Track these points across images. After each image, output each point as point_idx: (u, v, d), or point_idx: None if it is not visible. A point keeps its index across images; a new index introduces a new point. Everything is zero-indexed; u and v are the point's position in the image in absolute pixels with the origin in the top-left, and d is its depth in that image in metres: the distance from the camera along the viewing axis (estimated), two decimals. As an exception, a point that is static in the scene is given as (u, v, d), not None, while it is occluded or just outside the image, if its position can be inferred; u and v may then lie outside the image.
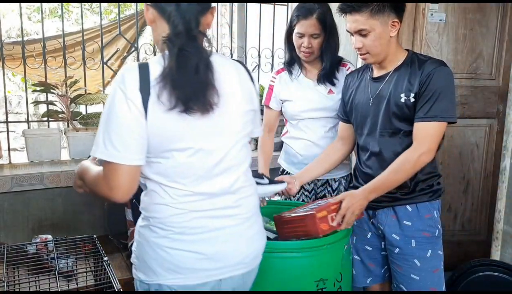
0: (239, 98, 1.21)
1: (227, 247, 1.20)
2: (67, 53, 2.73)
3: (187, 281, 1.16)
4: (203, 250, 1.17)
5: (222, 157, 1.19)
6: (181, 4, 1.10)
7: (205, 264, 1.17)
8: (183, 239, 1.16)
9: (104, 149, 1.07)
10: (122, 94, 1.07)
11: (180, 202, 1.16)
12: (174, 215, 1.15)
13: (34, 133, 2.59)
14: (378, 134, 1.65)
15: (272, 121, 2.20)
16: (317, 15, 1.89)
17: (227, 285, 1.23)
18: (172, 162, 1.14)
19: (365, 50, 1.57)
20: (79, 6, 2.97)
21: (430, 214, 1.66)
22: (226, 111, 1.17)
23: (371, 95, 1.67)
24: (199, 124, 1.13)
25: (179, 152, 1.13)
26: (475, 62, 2.62)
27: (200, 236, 1.17)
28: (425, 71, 1.54)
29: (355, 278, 1.84)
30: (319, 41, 1.93)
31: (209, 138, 1.16)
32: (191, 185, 1.16)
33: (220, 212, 1.20)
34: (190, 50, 1.09)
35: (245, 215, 1.24)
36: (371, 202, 1.72)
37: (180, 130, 1.12)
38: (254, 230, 1.27)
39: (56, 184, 2.41)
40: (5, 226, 2.37)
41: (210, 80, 1.12)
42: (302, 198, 2.14)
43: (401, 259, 1.68)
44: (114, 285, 1.53)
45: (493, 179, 2.71)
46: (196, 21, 1.12)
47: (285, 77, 2.11)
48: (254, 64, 3.35)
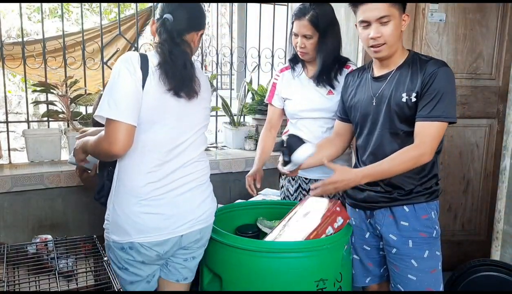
0: (206, 97, 1.58)
1: (185, 208, 1.51)
2: (67, 53, 2.73)
3: (154, 238, 1.46)
4: (166, 212, 1.47)
5: (189, 137, 1.52)
6: (167, 22, 1.43)
7: (167, 224, 1.48)
8: (150, 205, 1.45)
9: (108, 109, 1.34)
10: (126, 68, 1.36)
11: (149, 173, 1.44)
12: (148, 183, 1.44)
13: (34, 133, 2.59)
14: (379, 133, 1.65)
15: (274, 118, 2.22)
16: (309, 17, 1.89)
17: (188, 239, 1.55)
18: (151, 134, 1.43)
19: (383, 40, 1.55)
20: (79, 6, 2.97)
21: (427, 215, 1.66)
22: (200, 102, 1.53)
23: (373, 94, 1.67)
24: (181, 107, 1.47)
25: (160, 126, 1.43)
26: (475, 62, 2.62)
27: (163, 201, 1.47)
28: (428, 71, 1.54)
29: (354, 278, 1.84)
30: (312, 42, 1.94)
31: (183, 119, 1.49)
32: (162, 157, 1.45)
33: (180, 181, 1.50)
34: (176, 52, 1.42)
35: (198, 183, 1.57)
36: (368, 202, 1.72)
37: (167, 108, 1.43)
38: (205, 195, 1.60)
39: (56, 184, 2.42)
40: (5, 226, 2.37)
41: (194, 74, 1.47)
42: (300, 197, 2.14)
43: (398, 259, 1.68)
44: (114, 285, 1.53)
45: (493, 179, 2.71)
46: (179, 35, 1.45)
47: (288, 76, 2.13)
48: (254, 64, 3.35)
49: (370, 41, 1.56)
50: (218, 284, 1.65)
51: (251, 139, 3.19)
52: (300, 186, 2.13)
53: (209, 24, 5.77)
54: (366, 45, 1.60)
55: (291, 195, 2.17)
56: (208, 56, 4.87)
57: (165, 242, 1.49)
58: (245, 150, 3.20)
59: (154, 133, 1.43)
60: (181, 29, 1.46)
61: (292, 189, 2.16)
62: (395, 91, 1.59)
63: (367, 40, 1.57)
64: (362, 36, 1.59)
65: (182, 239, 1.54)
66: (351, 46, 2.73)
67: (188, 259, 1.63)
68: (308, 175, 2.08)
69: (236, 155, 3.04)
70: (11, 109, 6.81)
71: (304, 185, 2.13)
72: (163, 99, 1.42)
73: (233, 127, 3.23)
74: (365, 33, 1.57)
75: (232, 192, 2.91)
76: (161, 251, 1.51)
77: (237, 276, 1.59)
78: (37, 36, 6.51)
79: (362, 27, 1.58)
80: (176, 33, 1.44)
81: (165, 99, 1.42)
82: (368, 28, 1.56)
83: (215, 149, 3.20)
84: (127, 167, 1.45)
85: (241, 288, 1.57)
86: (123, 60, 1.38)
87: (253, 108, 3.29)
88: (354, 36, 2.70)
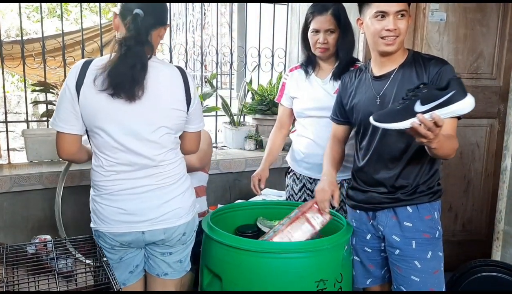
0: (165, 98, 1.51)
1: (145, 206, 1.55)
2: (66, 53, 2.72)
3: (114, 230, 1.56)
4: (125, 207, 1.54)
5: (143, 138, 1.50)
6: (138, 17, 1.44)
7: (127, 218, 1.55)
8: (110, 198, 1.55)
9: (52, 121, 1.51)
10: (66, 80, 1.47)
11: (107, 170, 1.53)
12: (103, 180, 1.54)
13: (33, 133, 2.58)
14: (384, 133, 1.64)
15: (284, 118, 2.22)
16: (332, 11, 1.93)
17: (152, 236, 1.59)
18: (100, 136, 1.49)
19: (398, 33, 1.56)
20: (78, 6, 2.96)
21: (430, 215, 1.65)
22: (150, 105, 1.48)
23: (376, 93, 1.66)
24: (123, 109, 1.46)
25: (106, 129, 1.47)
26: (476, 61, 2.62)
27: (123, 197, 1.54)
28: (433, 69, 1.55)
29: (355, 279, 1.83)
30: (334, 37, 1.96)
31: (131, 120, 1.48)
32: (115, 156, 1.51)
33: (136, 182, 1.54)
34: (134, 51, 1.42)
35: (162, 185, 1.56)
36: (371, 203, 1.71)
37: (107, 110, 1.45)
38: (170, 196, 1.58)
39: (55, 184, 2.41)
40: (4, 226, 2.36)
41: (139, 77, 1.43)
42: (304, 197, 2.13)
43: (401, 260, 1.67)
44: (113, 285, 1.53)
45: (494, 179, 2.71)
46: (146, 32, 1.47)
47: (297, 75, 2.13)
48: (254, 64, 3.35)
49: (384, 33, 1.57)
50: (218, 284, 1.64)
51: (251, 139, 3.19)
52: (304, 185, 2.13)
53: (209, 24, 5.76)
54: (377, 36, 1.59)
55: (295, 194, 2.17)
56: (208, 56, 4.86)
57: (126, 234, 1.57)
58: (245, 150, 3.20)
59: (100, 136, 1.49)
60: (150, 25, 1.48)
61: (297, 188, 2.16)
62: (399, 89, 1.59)
63: (380, 32, 1.57)
64: (375, 27, 1.58)
65: (145, 235, 1.58)
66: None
67: (166, 254, 1.66)
68: (313, 174, 2.08)
69: (236, 155, 3.04)
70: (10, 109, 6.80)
71: (309, 185, 2.12)
72: (103, 102, 1.44)
73: (233, 127, 3.22)
74: (380, 25, 1.57)
75: (232, 192, 2.91)
76: (123, 242, 1.59)
77: (237, 276, 1.58)
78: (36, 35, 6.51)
79: (377, 18, 1.57)
80: (144, 29, 1.45)
81: (104, 101, 1.44)
82: (384, 20, 1.56)
83: (215, 149, 3.20)
84: (92, 165, 1.59)
85: (241, 288, 1.57)
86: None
87: (253, 108, 3.28)
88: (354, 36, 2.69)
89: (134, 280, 1.71)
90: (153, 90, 1.48)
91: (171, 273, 1.69)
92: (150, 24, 1.49)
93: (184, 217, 1.62)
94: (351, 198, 1.82)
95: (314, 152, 2.04)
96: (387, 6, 1.54)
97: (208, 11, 5.67)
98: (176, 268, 1.70)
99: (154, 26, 1.52)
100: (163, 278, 1.70)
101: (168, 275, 1.70)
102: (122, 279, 1.68)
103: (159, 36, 1.57)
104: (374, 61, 1.70)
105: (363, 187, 1.74)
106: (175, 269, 1.70)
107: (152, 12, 1.50)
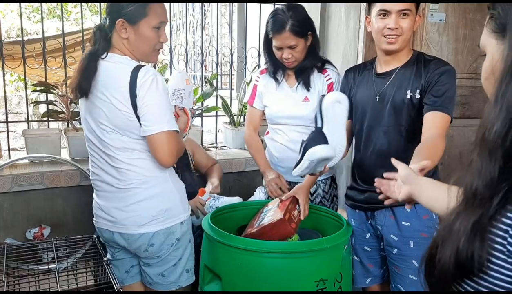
0: (111, 98, 1.48)
1: (111, 205, 1.58)
2: (67, 53, 2.73)
3: (97, 224, 1.66)
4: (99, 202, 1.63)
5: (99, 139, 1.55)
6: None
7: (101, 213, 1.62)
8: (95, 192, 1.67)
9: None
10: None
11: (91, 167, 1.65)
12: (91, 175, 1.67)
13: (34, 133, 2.58)
14: (382, 130, 1.65)
15: (255, 120, 2.14)
16: (290, 27, 1.83)
17: (118, 239, 1.60)
18: None
19: (400, 32, 1.57)
20: (78, 6, 2.97)
21: (428, 215, 1.66)
22: (99, 104, 1.51)
23: (376, 90, 1.67)
24: (84, 108, 1.58)
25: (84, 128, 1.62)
26: (475, 62, 2.62)
27: (98, 193, 1.64)
28: (433, 69, 1.57)
29: (354, 279, 1.84)
30: (298, 50, 1.89)
31: (89, 120, 1.56)
32: (90, 155, 1.62)
33: (97, 182, 1.63)
34: (95, 53, 1.53)
35: (123, 185, 1.55)
36: (369, 203, 1.72)
37: (82, 110, 1.60)
38: (131, 201, 1.55)
39: (56, 184, 2.41)
40: (5, 226, 2.36)
41: (89, 76, 1.50)
42: None
43: (399, 259, 1.68)
44: (114, 285, 1.53)
45: (493, 179, 2.71)
46: (109, 29, 1.55)
47: (267, 80, 2.06)
48: (254, 64, 3.35)
49: (386, 31, 1.58)
50: (218, 284, 1.64)
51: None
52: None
53: (209, 24, 5.77)
54: (380, 34, 1.60)
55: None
56: (208, 56, 4.87)
57: (102, 230, 1.65)
58: (245, 150, 3.20)
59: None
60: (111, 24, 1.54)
61: None
62: (399, 88, 1.61)
63: (382, 30, 1.58)
64: (378, 25, 1.59)
65: (114, 235, 1.61)
66: (351, 46, 2.73)
67: (145, 264, 1.64)
68: (290, 178, 1.98)
69: (236, 155, 3.04)
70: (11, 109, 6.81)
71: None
72: (81, 102, 1.60)
73: (233, 127, 3.22)
74: (382, 23, 1.58)
75: (232, 192, 2.90)
76: (104, 239, 1.69)
77: (237, 276, 1.59)
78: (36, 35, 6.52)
79: (380, 17, 1.59)
80: (108, 29, 1.55)
81: (82, 101, 1.60)
82: (386, 18, 1.57)
83: (215, 149, 3.20)
84: None
85: (241, 288, 1.57)
86: None
87: (253, 108, 3.28)
88: (354, 36, 2.69)
89: (131, 281, 1.71)
90: (100, 90, 1.51)
91: (155, 284, 1.65)
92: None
93: (147, 227, 1.54)
94: (350, 198, 1.82)
95: (287, 156, 2.00)
96: (390, 5, 1.56)
97: (208, 11, 5.67)
98: (158, 281, 1.64)
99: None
100: (148, 287, 1.68)
101: (152, 285, 1.66)
102: (120, 277, 1.68)
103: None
104: (378, 58, 1.72)
105: (362, 186, 1.74)
106: (158, 282, 1.64)
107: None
